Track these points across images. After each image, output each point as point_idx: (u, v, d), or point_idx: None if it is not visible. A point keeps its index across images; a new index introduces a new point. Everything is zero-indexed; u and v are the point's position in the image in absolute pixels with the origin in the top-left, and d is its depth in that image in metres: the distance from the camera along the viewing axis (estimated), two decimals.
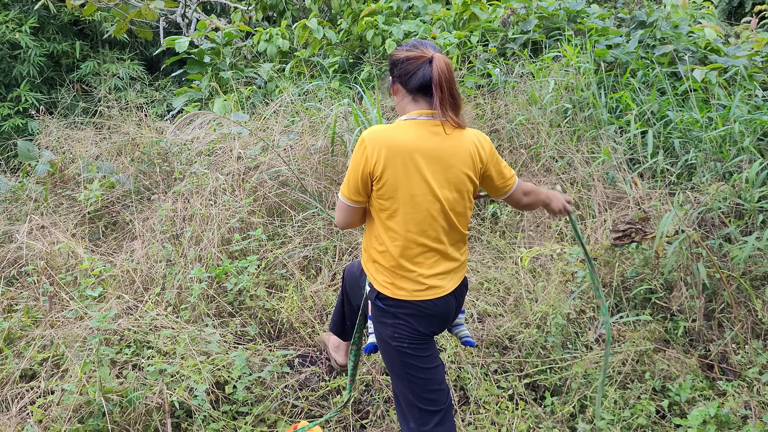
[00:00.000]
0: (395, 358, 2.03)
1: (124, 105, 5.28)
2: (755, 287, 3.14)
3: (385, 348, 2.06)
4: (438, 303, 2.01)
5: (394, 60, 1.98)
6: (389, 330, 2.02)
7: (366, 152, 1.89)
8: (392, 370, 2.07)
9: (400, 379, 2.06)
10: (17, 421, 2.53)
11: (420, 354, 2.02)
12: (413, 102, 1.96)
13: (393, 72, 1.99)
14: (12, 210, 4.16)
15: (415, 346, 2.01)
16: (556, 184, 3.99)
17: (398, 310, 2.00)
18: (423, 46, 1.95)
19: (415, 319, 2.00)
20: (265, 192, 4.10)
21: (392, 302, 1.99)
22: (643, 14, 5.31)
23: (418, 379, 2.03)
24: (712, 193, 3.35)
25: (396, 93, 2.01)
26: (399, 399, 2.10)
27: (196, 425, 2.60)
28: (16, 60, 8.64)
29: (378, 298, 2.02)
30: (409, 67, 1.92)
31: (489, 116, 4.53)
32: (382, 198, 1.93)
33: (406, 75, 1.93)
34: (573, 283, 3.32)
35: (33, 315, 3.18)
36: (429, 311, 2.01)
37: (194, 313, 3.24)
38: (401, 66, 1.94)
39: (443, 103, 1.90)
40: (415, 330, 2.00)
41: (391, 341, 2.01)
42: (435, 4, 6.55)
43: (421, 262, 1.97)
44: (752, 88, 4.41)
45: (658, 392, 2.86)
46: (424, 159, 1.90)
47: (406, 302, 1.98)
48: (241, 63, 6.96)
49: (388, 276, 1.98)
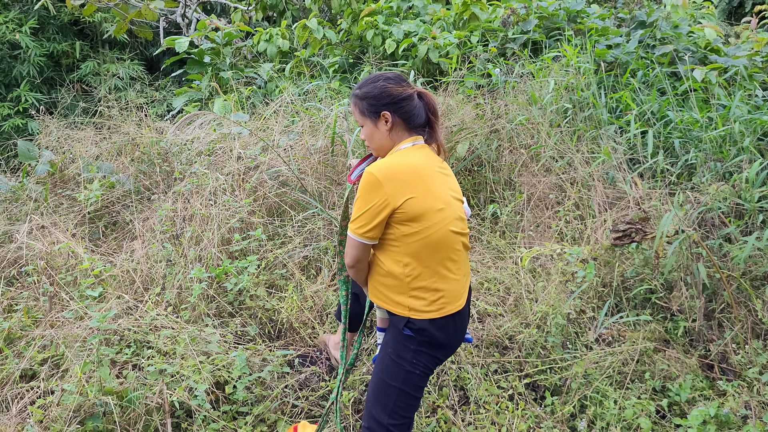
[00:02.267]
0: (398, 379, 2.04)
1: (124, 105, 5.28)
2: (755, 287, 3.14)
3: (393, 368, 2.06)
4: (465, 312, 2.11)
5: (395, 95, 2.04)
6: (410, 354, 2.04)
7: (386, 193, 1.93)
8: (384, 388, 2.07)
9: (387, 398, 2.06)
10: (17, 421, 2.53)
11: (425, 381, 2.09)
12: (408, 131, 2.09)
13: (391, 107, 2.05)
14: (12, 210, 4.16)
15: (427, 374, 2.08)
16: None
17: (426, 337, 2.02)
18: (404, 80, 2.09)
19: (447, 345, 2.07)
20: (265, 192, 4.10)
21: (426, 325, 2.01)
22: (643, 14, 5.31)
23: (405, 403, 2.07)
24: (712, 193, 3.35)
25: (389, 124, 2.06)
26: (372, 413, 2.09)
27: (196, 425, 2.60)
28: (16, 60, 8.64)
29: (407, 327, 2.03)
30: (411, 104, 2.06)
31: (489, 116, 4.52)
32: (409, 221, 1.96)
33: (411, 112, 2.06)
34: (573, 283, 3.32)
35: (33, 315, 3.18)
36: (462, 322, 2.09)
37: (194, 313, 3.24)
38: (403, 104, 2.05)
39: (436, 130, 2.12)
40: (436, 358, 2.08)
41: (405, 364, 2.04)
42: (435, 4, 6.55)
43: (454, 269, 2.05)
44: (752, 88, 4.41)
45: (658, 392, 2.86)
46: (436, 175, 2.02)
47: (443, 320, 2.02)
48: (241, 63, 6.96)
49: (430, 295, 2.00)
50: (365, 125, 2.12)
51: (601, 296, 3.32)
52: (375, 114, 2.06)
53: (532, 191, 4.07)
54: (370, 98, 2.06)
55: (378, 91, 2.04)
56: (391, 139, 2.08)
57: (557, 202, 4.02)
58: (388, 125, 2.06)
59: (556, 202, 4.02)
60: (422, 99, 2.09)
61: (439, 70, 5.57)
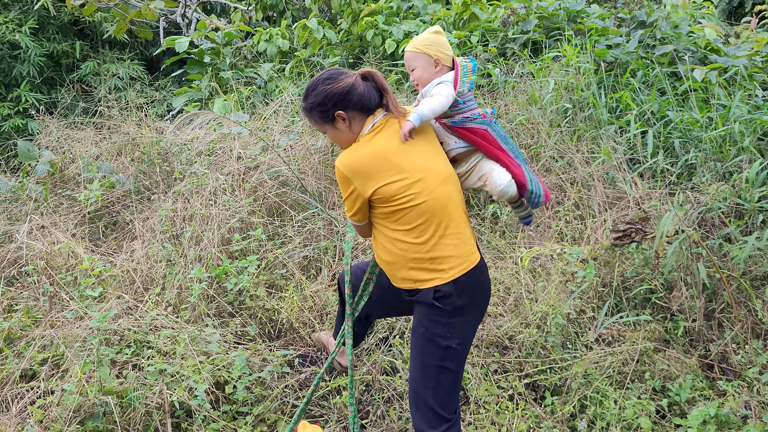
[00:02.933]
0: (435, 357, 2.06)
1: (124, 105, 5.28)
2: (755, 287, 3.14)
3: (429, 348, 2.07)
4: (481, 266, 2.14)
5: (338, 93, 2.03)
6: (441, 329, 2.05)
7: (355, 186, 2.00)
8: (424, 369, 2.08)
9: (428, 379, 2.07)
10: (17, 421, 2.53)
11: (464, 354, 2.10)
12: (366, 114, 2.08)
13: (340, 106, 2.04)
14: (12, 210, 4.16)
15: (465, 344, 2.09)
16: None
17: (451, 304, 2.04)
18: (341, 73, 2.07)
19: (474, 304, 2.09)
20: (265, 192, 4.10)
21: (457, 290, 2.03)
22: (643, 14, 5.31)
23: (449, 381, 2.08)
24: (712, 193, 3.35)
25: (346, 121, 2.06)
26: (418, 399, 2.11)
27: (196, 425, 2.60)
28: (16, 60, 8.64)
29: (436, 298, 2.04)
30: (358, 92, 2.04)
31: (489, 116, 4.52)
32: (388, 202, 2.01)
33: (361, 99, 2.04)
34: (573, 283, 3.32)
35: (33, 315, 3.18)
36: (482, 277, 2.11)
37: (194, 313, 3.24)
38: (350, 96, 2.03)
39: (392, 101, 2.09)
40: (471, 325, 2.11)
41: (441, 340, 2.05)
42: (435, 4, 6.54)
43: (453, 231, 2.06)
44: (752, 88, 4.41)
45: (658, 392, 2.86)
46: (403, 148, 2.03)
47: (468, 278, 2.04)
48: (241, 63, 6.96)
49: (434, 264, 2.03)
50: (326, 132, 2.13)
51: (601, 296, 3.32)
52: (329, 118, 2.07)
53: None
54: (318, 106, 2.06)
55: (321, 96, 2.04)
56: (353, 132, 2.09)
57: (557, 202, 4.02)
58: (346, 123, 2.07)
59: (556, 202, 4.02)
60: (367, 79, 2.09)
61: None
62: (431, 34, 2.13)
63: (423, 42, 2.12)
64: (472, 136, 2.12)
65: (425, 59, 2.12)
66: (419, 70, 2.14)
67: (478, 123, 2.12)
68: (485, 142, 2.13)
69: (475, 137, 2.12)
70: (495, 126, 2.16)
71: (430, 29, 2.16)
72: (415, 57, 2.13)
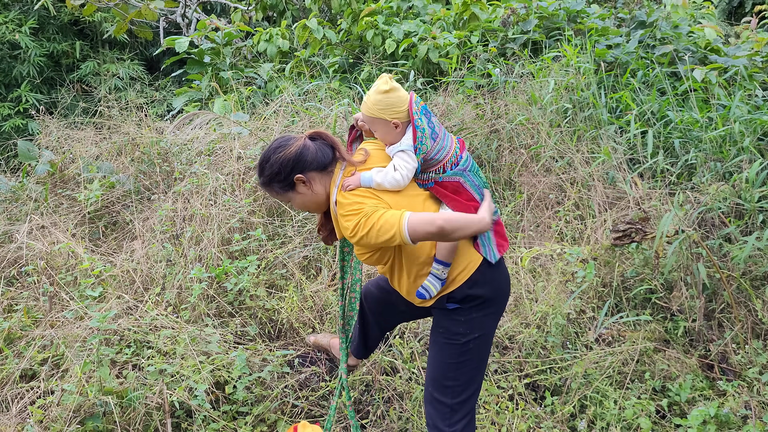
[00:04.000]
0: (454, 354, 2.05)
1: (124, 105, 5.28)
2: (755, 287, 3.14)
3: (448, 348, 2.06)
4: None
5: (292, 158, 2.00)
6: (462, 327, 2.04)
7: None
8: (443, 366, 2.08)
9: (445, 377, 2.07)
10: (17, 421, 2.53)
11: (486, 351, 2.10)
12: (326, 173, 2.05)
13: (297, 170, 2.01)
14: (12, 210, 4.16)
15: (484, 340, 2.08)
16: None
17: (468, 301, 2.03)
18: (288, 138, 2.05)
19: (494, 296, 2.07)
20: (265, 192, 4.09)
21: (463, 291, 2.02)
22: (643, 14, 5.31)
23: (466, 376, 2.07)
24: (712, 193, 3.35)
25: (307, 183, 2.03)
26: (434, 398, 2.10)
27: (196, 425, 2.60)
28: (16, 60, 8.64)
29: (449, 301, 2.04)
30: (309, 152, 2.02)
31: (489, 116, 4.52)
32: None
33: (315, 159, 2.01)
34: (573, 283, 3.32)
35: (33, 315, 3.18)
36: (497, 269, 2.09)
37: (194, 313, 3.24)
38: (303, 158, 2.01)
39: (343, 152, 2.05)
40: (491, 317, 2.09)
41: (461, 338, 2.04)
42: (435, 4, 6.54)
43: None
44: (752, 88, 4.41)
45: (658, 392, 2.86)
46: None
47: (481, 274, 2.03)
48: (241, 63, 6.96)
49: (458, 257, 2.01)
50: (291, 200, 2.09)
51: (601, 296, 3.32)
52: (290, 186, 2.04)
53: (532, 191, 4.07)
54: (275, 177, 2.03)
55: (277, 167, 2.01)
56: (317, 192, 2.05)
57: (557, 202, 4.02)
58: (307, 185, 2.03)
59: (556, 202, 4.02)
60: (315, 139, 2.06)
61: (439, 70, 5.57)
62: (381, 94, 1.97)
63: (376, 105, 1.98)
64: (441, 190, 2.02)
65: (383, 123, 2.00)
66: (380, 133, 2.04)
67: (450, 175, 2.01)
68: (455, 197, 2.02)
69: (444, 191, 2.02)
70: (468, 175, 2.04)
71: (379, 85, 2.00)
72: (372, 121, 2.02)
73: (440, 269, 1.99)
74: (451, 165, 2.01)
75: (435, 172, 2.01)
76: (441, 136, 2.02)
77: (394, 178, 1.94)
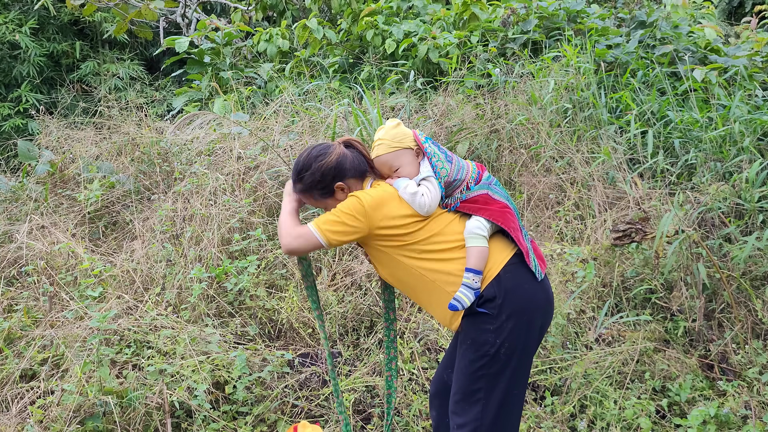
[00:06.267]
0: (490, 373, 1.92)
1: (124, 105, 5.28)
2: (755, 287, 3.14)
3: (474, 365, 1.93)
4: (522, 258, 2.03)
5: (334, 165, 2.02)
6: (490, 336, 1.91)
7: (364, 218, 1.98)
8: (467, 390, 1.95)
9: (476, 400, 1.93)
10: (17, 421, 2.53)
11: (524, 365, 1.96)
12: (361, 179, 2.08)
13: (338, 178, 2.03)
14: (12, 210, 4.16)
15: (521, 353, 1.94)
16: None
17: (497, 307, 1.92)
18: (327, 146, 2.07)
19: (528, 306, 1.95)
20: (265, 192, 4.10)
21: (500, 289, 1.93)
22: (643, 14, 5.31)
23: (517, 392, 1.95)
24: (712, 193, 3.35)
25: (346, 190, 2.05)
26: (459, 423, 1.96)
27: (196, 425, 2.60)
28: (16, 60, 8.64)
29: (480, 305, 1.93)
30: (348, 160, 2.04)
31: (489, 116, 4.52)
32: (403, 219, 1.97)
33: (354, 166, 2.05)
34: (573, 283, 3.32)
35: (33, 315, 3.18)
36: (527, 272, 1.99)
37: (194, 313, 3.24)
38: (344, 166, 2.03)
39: (375, 166, 2.09)
40: (525, 331, 1.93)
41: (489, 347, 1.91)
42: (435, 4, 6.55)
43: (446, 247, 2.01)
44: (752, 88, 4.41)
45: (658, 392, 2.86)
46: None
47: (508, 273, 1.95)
48: (241, 63, 6.96)
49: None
50: (326, 207, 2.08)
51: (601, 296, 3.32)
52: (330, 193, 2.05)
53: (532, 191, 4.07)
54: (317, 185, 2.03)
55: (318, 175, 2.02)
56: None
57: (557, 202, 4.02)
58: (345, 192, 2.04)
59: (556, 202, 4.02)
60: (350, 147, 2.09)
61: (439, 70, 5.57)
62: (394, 129, 2.05)
63: (395, 139, 2.03)
64: (472, 205, 2.01)
65: (408, 153, 2.03)
66: (407, 166, 2.04)
67: (476, 189, 2.03)
68: (487, 207, 2.00)
69: (475, 205, 2.01)
70: (494, 187, 2.05)
71: (386, 125, 2.08)
72: (397, 156, 2.03)
73: (471, 278, 1.93)
74: (474, 181, 2.04)
75: (460, 192, 2.02)
76: (454, 158, 2.07)
77: (422, 202, 1.96)
